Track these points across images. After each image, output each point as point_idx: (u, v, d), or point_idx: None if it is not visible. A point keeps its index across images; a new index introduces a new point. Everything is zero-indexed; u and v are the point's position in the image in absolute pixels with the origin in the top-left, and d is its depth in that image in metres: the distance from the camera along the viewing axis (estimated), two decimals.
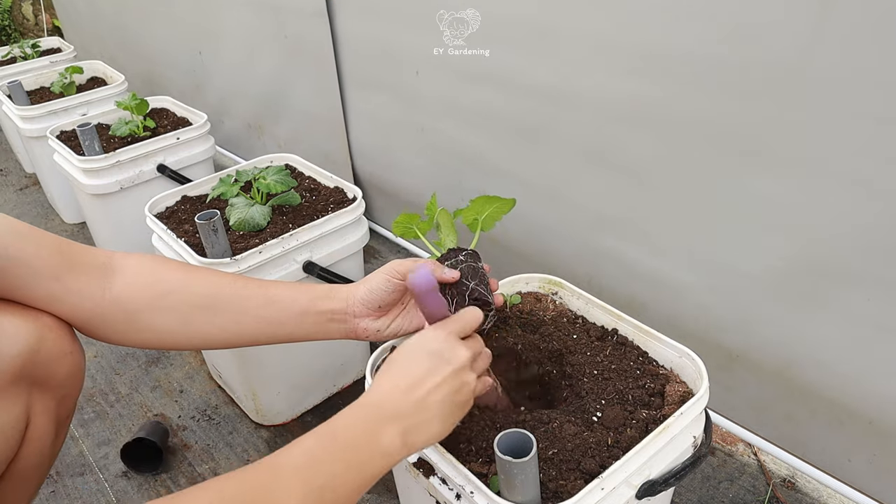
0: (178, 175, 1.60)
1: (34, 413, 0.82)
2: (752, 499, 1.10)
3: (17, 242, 0.72)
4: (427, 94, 1.42)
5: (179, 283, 0.80)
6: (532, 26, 1.13)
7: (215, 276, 0.82)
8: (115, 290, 0.77)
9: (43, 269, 0.74)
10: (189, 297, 0.79)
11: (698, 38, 0.92)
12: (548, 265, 1.35)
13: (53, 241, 0.75)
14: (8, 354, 0.76)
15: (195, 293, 0.80)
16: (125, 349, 1.58)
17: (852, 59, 0.79)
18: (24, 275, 0.73)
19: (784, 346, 1.02)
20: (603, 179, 1.16)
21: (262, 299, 0.81)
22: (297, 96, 1.86)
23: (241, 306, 0.80)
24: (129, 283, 0.78)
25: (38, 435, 0.83)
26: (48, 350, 0.81)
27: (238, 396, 1.37)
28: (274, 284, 0.83)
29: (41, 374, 0.81)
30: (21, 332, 0.78)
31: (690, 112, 0.98)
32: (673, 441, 0.70)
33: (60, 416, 0.87)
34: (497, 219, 0.87)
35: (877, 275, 0.88)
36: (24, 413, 0.80)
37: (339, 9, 1.52)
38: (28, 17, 3.83)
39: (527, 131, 1.25)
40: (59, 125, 1.76)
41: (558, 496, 0.65)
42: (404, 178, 1.65)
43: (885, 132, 0.80)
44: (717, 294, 1.08)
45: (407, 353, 0.69)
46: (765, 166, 0.93)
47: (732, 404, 1.16)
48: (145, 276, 0.79)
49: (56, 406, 0.85)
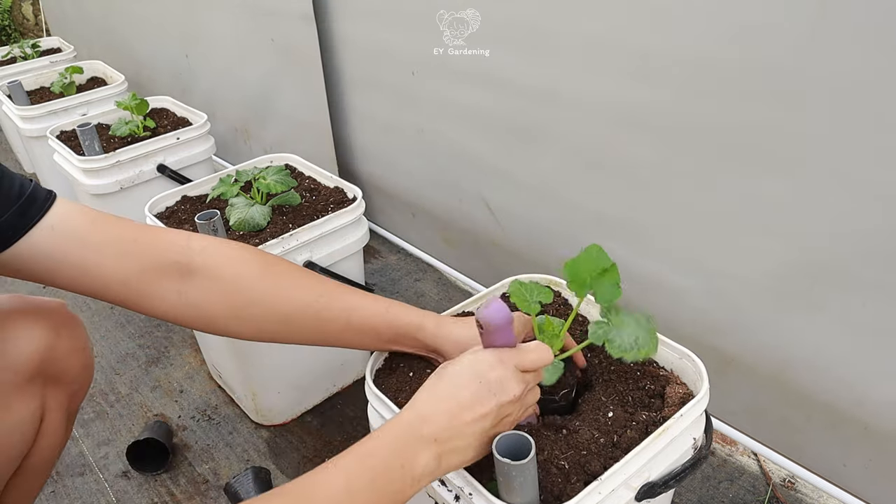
0: (178, 175, 1.60)
1: (48, 409, 0.83)
2: (752, 499, 1.10)
3: (80, 249, 0.68)
4: (426, 94, 1.42)
5: (260, 296, 0.74)
6: (532, 27, 1.13)
7: (299, 290, 0.75)
8: (191, 296, 0.72)
9: (108, 278, 0.69)
10: (269, 314, 0.75)
11: (696, 39, 0.92)
12: (547, 266, 1.35)
13: (117, 241, 0.70)
14: (26, 354, 0.77)
15: (276, 311, 0.75)
16: (125, 349, 1.58)
17: (851, 60, 0.79)
18: (89, 284, 0.70)
19: (780, 349, 1.03)
20: (602, 181, 1.16)
21: (342, 324, 0.76)
22: (284, 100, 1.85)
23: (319, 329, 0.77)
24: (207, 288, 0.72)
25: (52, 430, 0.84)
26: (63, 347, 0.82)
27: (238, 396, 1.37)
28: (360, 305, 0.76)
29: (56, 371, 0.82)
30: (37, 330, 0.79)
31: (689, 114, 0.98)
32: (673, 443, 0.70)
33: (71, 410, 0.88)
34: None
35: (873, 279, 0.88)
36: (39, 409, 0.81)
37: (338, 10, 1.52)
38: (28, 17, 3.83)
39: (526, 132, 1.25)
40: (59, 125, 1.76)
41: (557, 498, 0.65)
42: (404, 179, 1.65)
43: (883, 135, 0.80)
44: (713, 297, 1.08)
45: (458, 374, 0.64)
46: (762, 169, 0.93)
47: (728, 408, 1.17)
48: (225, 283, 0.73)
49: (68, 400, 0.86)
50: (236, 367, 1.25)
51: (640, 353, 0.70)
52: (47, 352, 0.79)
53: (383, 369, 0.84)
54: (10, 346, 0.76)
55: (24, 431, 0.78)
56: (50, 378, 0.81)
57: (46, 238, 0.67)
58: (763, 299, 1.01)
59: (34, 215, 0.67)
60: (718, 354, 1.11)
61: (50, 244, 0.67)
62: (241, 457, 1.27)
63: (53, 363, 0.80)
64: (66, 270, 0.68)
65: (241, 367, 1.24)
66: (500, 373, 0.63)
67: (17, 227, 0.66)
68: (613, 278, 0.73)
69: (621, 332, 0.71)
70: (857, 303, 0.91)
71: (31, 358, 0.77)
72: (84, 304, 1.77)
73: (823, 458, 1.06)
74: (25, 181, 0.69)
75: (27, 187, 0.68)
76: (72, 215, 0.69)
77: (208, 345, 1.38)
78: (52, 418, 0.83)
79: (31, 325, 0.79)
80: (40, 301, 0.83)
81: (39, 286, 1.85)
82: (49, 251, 0.67)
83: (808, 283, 0.95)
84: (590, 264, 0.73)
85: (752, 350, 1.07)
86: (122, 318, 1.69)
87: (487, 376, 0.63)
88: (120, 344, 1.61)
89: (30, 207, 0.67)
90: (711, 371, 1.11)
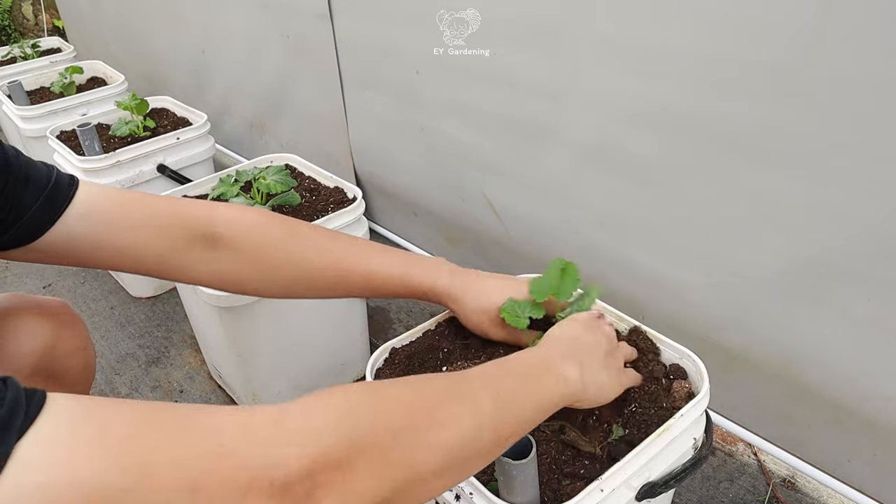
0: (178, 175, 1.60)
1: None
2: (752, 499, 1.10)
3: (115, 233, 0.71)
4: (427, 93, 1.42)
5: (284, 263, 0.78)
6: (532, 26, 1.13)
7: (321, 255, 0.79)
8: (220, 265, 0.76)
9: (144, 256, 0.73)
10: (293, 278, 0.79)
11: (701, 35, 0.92)
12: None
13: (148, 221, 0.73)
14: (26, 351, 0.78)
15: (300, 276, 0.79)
16: (125, 349, 1.58)
17: (853, 58, 0.79)
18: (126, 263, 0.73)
19: (784, 345, 1.02)
20: (603, 179, 1.16)
21: (363, 285, 0.80)
22: (299, 96, 1.86)
23: (342, 289, 0.81)
24: (233, 258, 0.76)
25: None
26: (64, 346, 0.82)
27: (238, 396, 1.37)
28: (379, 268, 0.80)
29: (57, 370, 0.82)
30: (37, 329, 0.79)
31: (690, 112, 0.97)
32: (673, 443, 0.70)
33: None
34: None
35: (878, 274, 0.88)
36: None
37: (338, 9, 1.52)
38: (28, 17, 3.83)
39: (527, 131, 1.25)
40: (59, 125, 1.76)
41: (558, 498, 0.65)
42: (404, 178, 1.65)
43: (884, 131, 0.80)
44: (717, 294, 1.08)
45: (558, 327, 0.72)
46: (766, 166, 0.93)
47: (732, 404, 1.16)
48: (250, 252, 0.76)
49: None
50: (236, 367, 1.25)
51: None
52: (47, 350, 0.79)
53: (384, 369, 0.83)
54: (10, 344, 0.76)
55: None
56: (50, 377, 0.81)
57: (80, 226, 0.69)
58: (768, 295, 1.01)
59: (62, 202, 0.68)
60: (723, 351, 1.11)
61: (85, 231, 0.69)
62: None
63: (54, 362, 0.81)
64: (103, 253, 0.71)
65: (241, 368, 1.24)
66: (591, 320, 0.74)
67: (48, 214, 0.68)
68: (572, 275, 0.80)
69: None
70: (862, 298, 0.90)
71: (30, 355, 0.77)
72: (84, 304, 1.77)
73: (827, 453, 1.06)
74: (52, 168, 0.71)
75: (53, 174, 0.70)
76: (99, 200, 0.71)
77: (208, 345, 1.38)
78: None
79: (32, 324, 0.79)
80: (42, 300, 0.83)
81: (40, 286, 1.86)
82: (85, 237, 0.69)
83: (812, 278, 0.95)
84: (552, 273, 0.81)
85: (757, 346, 1.06)
86: (122, 318, 1.69)
87: (582, 319, 0.73)
88: (120, 344, 1.61)
89: (56, 195, 0.68)
90: (716, 367, 1.12)
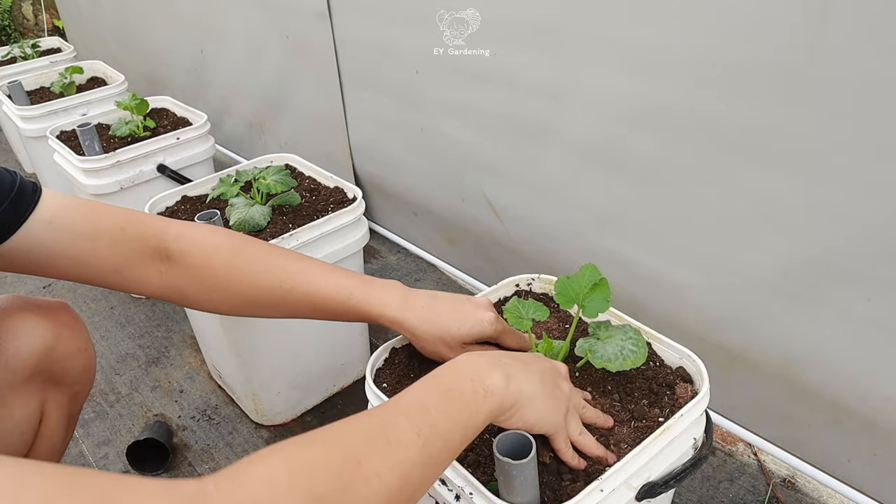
0: (178, 175, 1.60)
1: (48, 409, 0.83)
2: (752, 499, 1.10)
3: (76, 242, 0.72)
4: (427, 93, 1.42)
5: (225, 282, 0.79)
6: (532, 26, 1.13)
7: (263, 276, 0.79)
8: (170, 278, 0.78)
9: (101, 266, 0.74)
10: (235, 297, 0.80)
11: (701, 35, 0.92)
12: (548, 265, 1.35)
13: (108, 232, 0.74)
14: (25, 352, 0.78)
15: (241, 295, 0.80)
16: (125, 349, 1.58)
17: (853, 57, 0.79)
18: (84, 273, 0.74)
19: (784, 345, 1.02)
20: (603, 179, 1.16)
21: (307, 308, 0.80)
22: (299, 96, 1.86)
23: (286, 311, 0.81)
24: (181, 272, 0.78)
25: (51, 431, 0.84)
26: (64, 347, 0.82)
27: (238, 396, 1.37)
28: (323, 290, 0.79)
29: (57, 371, 0.82)
30: (37, 329, 0.79)
31: (690, 112, 0.98)
32: (673, 443, 0.70)
33: (72, 411, 0.88)
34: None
35: (878, 274, 0.88)
36: (38, 409, 0.81)
37: (338, 9, 1.52)
38: (28, 17, 3.83)
39: (527, 131, 1.25)
40: (59, 125, 1.76)
41: (557, 498, 0.65)
42: (404, 178, 1.64)
43: (884, 131, 0.80)
44: (717, 294, 1.08)
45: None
46: (766, 166, 0.93)
47: (732, 404, 1.16)
48: (197, 269, 0.78)
49: (69, 402, 0.86)
50: (236, 367, 1.25)
51: (625, 363, 0.71)
52: (47, 351, 0.79)
53: (384, 369, 0.83)
54: (9, 345, 0.76)
55: (23, 432, 0.78)
56: (50, 379, 0.81)
57: (44, 232, 0.70)
58: (768, 295, 1.01)
59: (26, 208, 0.69)
60: (723, 351, 1.11)
61: (48, 238, 0.70)
62: (242, 457, 1.27)
63: (53, 363, 0.80)
64: (62, 262, 0.72)
65: (241, 368, 1.24)
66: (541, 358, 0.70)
67: (12, 219, 0.68)
68: (603, 293, 0.75)
69: (606, 345, 0.73)
70: (862, 298, 0.90)
71: (30, 356, 0.77)
72: (84, 304, 1.76)
73: (827, 453, 1.06)
74: (14, 174, 0.71)
75: (16, 180, 0.70)
76: (66, 208, 0.72)
77: (208, 345, 1.38)
78: (51, 420, 0.83)
79: (31, 325, 0.79)
80: (42, 301, 0.83)
81: (40, 286, 1.85)
82: (47, 244, 0.70)
83: (812, 278, 0.95)
84: (583, 280, 0.76)
85: (757, 346, 1.06)
86: (122, 318, 1.69)
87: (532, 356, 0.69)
88: (120, 344, 1.61)
89: (21, 200, 0.69)
90: (716, 367, 1.12)
